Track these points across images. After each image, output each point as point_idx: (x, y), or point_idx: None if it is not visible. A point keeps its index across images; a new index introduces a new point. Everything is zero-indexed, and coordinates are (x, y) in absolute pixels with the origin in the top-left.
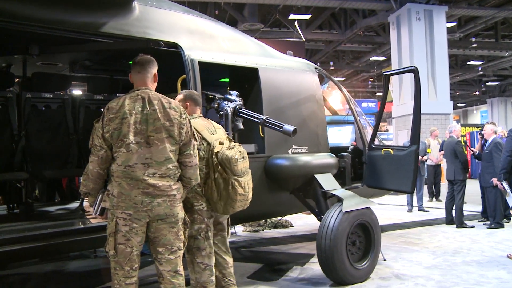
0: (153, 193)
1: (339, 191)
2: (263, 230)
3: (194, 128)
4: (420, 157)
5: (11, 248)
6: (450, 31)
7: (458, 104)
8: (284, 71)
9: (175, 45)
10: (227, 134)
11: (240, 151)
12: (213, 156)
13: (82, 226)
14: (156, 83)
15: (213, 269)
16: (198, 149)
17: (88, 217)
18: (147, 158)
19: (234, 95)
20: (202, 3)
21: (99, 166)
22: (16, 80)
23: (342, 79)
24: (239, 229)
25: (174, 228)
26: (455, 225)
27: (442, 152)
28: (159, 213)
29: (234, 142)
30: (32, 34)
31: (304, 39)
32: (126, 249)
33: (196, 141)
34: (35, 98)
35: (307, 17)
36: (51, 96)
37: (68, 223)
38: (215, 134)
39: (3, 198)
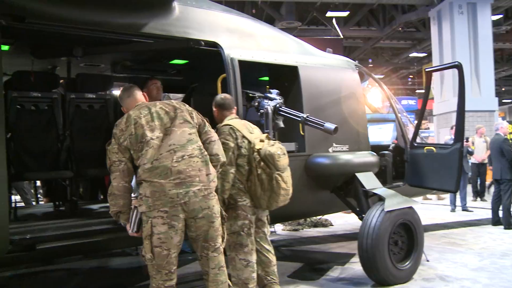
0: (184, 181)
1: (381, 190)
2: (302, 229)
3: (235, 127)
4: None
5: (58, 244)
6: (495, 24)
7: (503, 100)
8: (324, 68)
9: (215, 44)
10: (267, 132)
11: (280, 148)
12: (255, 153)
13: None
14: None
15: (255, 266)
16: (240, 147)
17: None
18: (170, 144)
19: (274, 93)
20: (239, 2)
21: (123, 179)
22: (61, 81)
23: (381, 76)
24: (279, 228)
25: (214, 223)
26: (502, 226)
27: (488, 152)
28: (194, 207)
29: (274, 140)
30: (76, 36)
31: (342, 37)
32: (162, 252)
33: (207, 121)
34: (79, 98)
35: (345, 14)
36: (94, 96)
37: (112, 220)
38: (253, 133)
39: (49, 195)
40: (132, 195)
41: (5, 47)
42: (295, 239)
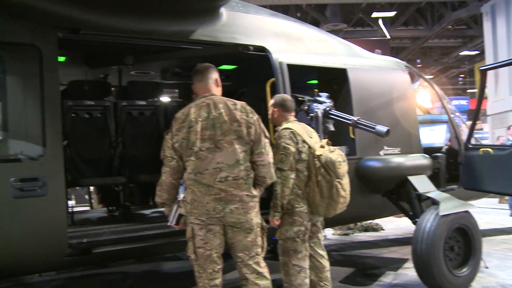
0: (225, 198)
1: (435, 194)
2: (353, 233)
3: (296, 131)
4: None
5: (112, 248)
6: None
7: None
8: (373, 70)
9: (263, 49)
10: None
11: (341, 155)
12: (315, 159)
13: (177, 229)
14: (220, 87)
15: (308, 272)
16: (300, 152)
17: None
18: (218, 162)
19: (324, 96)
20: (284, 6)
21: (171, 176)
22: (112, 89)
23: (430, 76)
24: (329, 232)
25: (250, 234)
26: None
27: None
28: (231, 220)
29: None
30: (127, 45)
31: (389, 37)
32: (205, 252)
33: (268, 139)
34: (130, 106)
35: (391, 14)
36: (145, 103)
37: (164, 225)
38: (313, 137)
39: (103, 200)
40: (180, 189)
41: (61, 58)
42: (345, 244)
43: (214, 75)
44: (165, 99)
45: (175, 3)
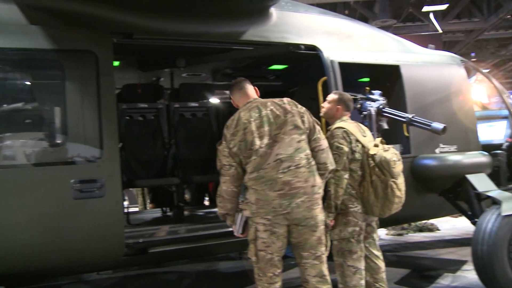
0: (289, 193)
1: (495, 193)
2: (407, 233)
3: (349, 130)
4: None
5: (168, 248)
6: None
7: None
8: (427, 66)
9: (314, 48)
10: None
11: (396, 153)
12: (369, 158)
13: (231, 229)
14: (258, 95)
15: (363, 273)
16: (354, 151)
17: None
18: (277, 154)
19: (376, 94)
20: (331, 4)
21: (232, 184)
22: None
23: (486, 70)
24: (382, 232)
25: (316, 232)
26: None
27: None
28: (297, 216)
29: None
30: (179, 48)
31: (441, 31)
32: (266, 256)
33: (319, 125)
34: (183, 107)
35: (443, 7)
36: (197, 105)
37: (217, 226)
38: (366, 136)
39: (156, 201)
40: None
41: (116, 63)
42: (399, 244)
43: (251, 85)
44: (216, 100)
45: (226, 4)
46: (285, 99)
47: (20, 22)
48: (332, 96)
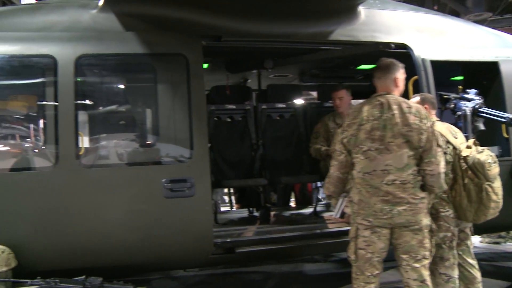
0: (392, 200)
1: None
2: (505, 242)
3: (439, 132)
4: None
5: (255, 248)
6: None
7: None
8: None
9: (404, 46)
10: (466, 136)
11: (491, 155)
12: (461, 161)
13: (318, 231)
14: (399, 87)
15: (457, 282)
16: (445, 153)
17: (327, 221)
18: (386, 164)
19: (472, 93)
20: (419, 0)
21: (339, 170)
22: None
23: None
24: (477, 239)
25: (417, 235)
26: None
27: None
28: (400, 221)
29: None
30: (267, 49)
31: None
32: (366, 255)
33: (440, 147)
34: (270, 108)
35: None
36: (284, 106)
37: (304, 227)
38: (458, 137)
39: (241, 201)
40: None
41: (205, 65)
42: (496, 254)
43: (394, 74)
44: (303, 101)
45: (313, 4)
46: (415, 107)
47: (117, 29)
48: (416, 99)
